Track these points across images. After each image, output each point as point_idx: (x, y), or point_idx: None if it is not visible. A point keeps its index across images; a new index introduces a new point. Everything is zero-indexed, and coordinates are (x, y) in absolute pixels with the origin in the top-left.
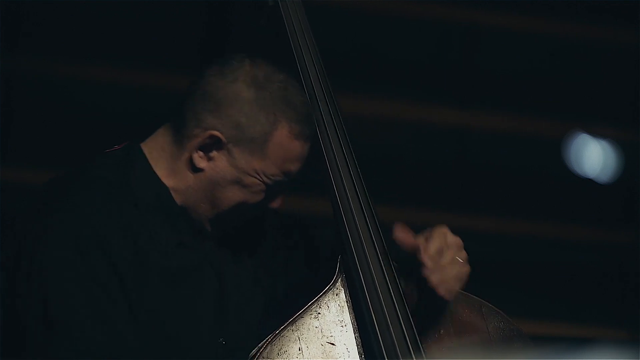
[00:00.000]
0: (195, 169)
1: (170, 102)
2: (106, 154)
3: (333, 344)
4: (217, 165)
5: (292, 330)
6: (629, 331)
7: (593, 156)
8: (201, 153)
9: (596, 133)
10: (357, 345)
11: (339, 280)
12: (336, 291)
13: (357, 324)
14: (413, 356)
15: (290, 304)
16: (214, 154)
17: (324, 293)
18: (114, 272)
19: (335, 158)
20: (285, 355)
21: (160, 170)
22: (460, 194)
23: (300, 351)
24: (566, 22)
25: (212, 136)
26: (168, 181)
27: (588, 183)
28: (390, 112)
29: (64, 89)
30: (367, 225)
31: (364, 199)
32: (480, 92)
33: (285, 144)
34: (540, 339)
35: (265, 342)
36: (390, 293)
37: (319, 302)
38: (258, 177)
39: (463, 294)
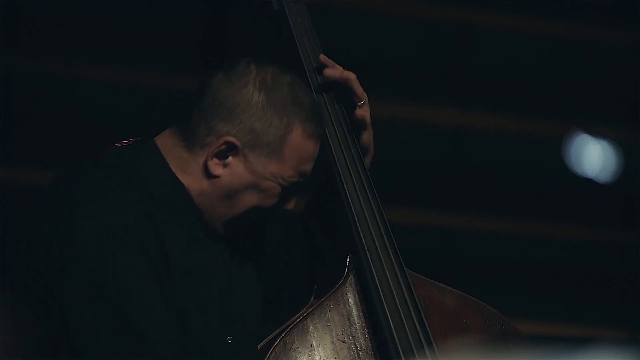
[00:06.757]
0: (211, 176)
1: (171, 102)
2: (115, 148)
3: (344, 342)
4: (234, 171)
5: (304, 328)
6: (629, 331)
7: (593, 156)
8: (216, 160)
9: (596, 133)
10: (369, 342)
11: (349, 278)
12: (347, 289)
13: (368, 321)
14: (427, 352)
15: (288, 307)
16: (229, 160)
17: (334, 291)
18: (150, 265)
19: (345, 158)
20: (296, 353)
21: (174, 168)
22: (459, 194)
23: (312, 347)
24: (566, 22)
25: (228, 142)
26: (182, 179)
27: (588, 183)
28: (390, 112)
29: (64, 89)
30: (378, 224)
31: (374, 198)
32: (480, 92)
33: (300, 145)
34: (540, 339)
35: (278, 339)
36: (403, 290)
37: (330, 300)
38: (275, 180)
39: (464, 296)
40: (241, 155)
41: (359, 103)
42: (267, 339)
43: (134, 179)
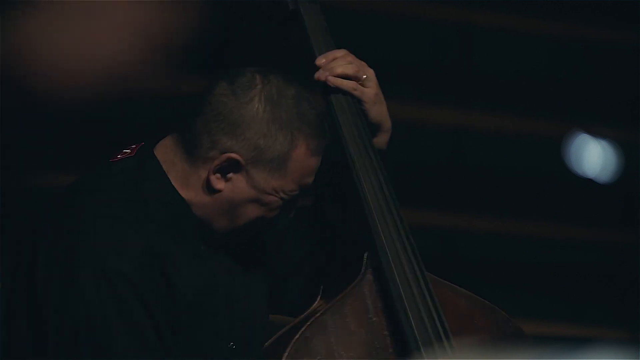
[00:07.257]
0: (212, 190)
1: (171, 105)
2: (117, 163)
3: (362, 338)
4: (236, 186)
5: (323, 324)
6: (629, 331)
7: (593, 156)
8: (218, 175)
9: (596, 133)
10: (387, 338)
11: (367, 275)
12: (364, 286)
13: (385, 318)
14: (446, 346)
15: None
16: (231, 175)
17: (352, 288)
18: (147, 307)
19: (362, 157)
20: (315, 348)
21: (175, 183)
22: (459, 194)
23: (331, 343)
24: (566, 22)
25: (231, 159)
26: (183, 194)
27: (588, 183)
28: (390, 112)
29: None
30: (395, 220)
31: (391, 196)
32: (480, 92)
33: (304, 160)
34: (540, 339)
35: (298, 334)
36: (421, 285)
37: (348, 297)
38: (277, 195)
39: (476, 298)
40: (244, 170)
41: (359, 82)
42: (277, 334)
43: (138, 203)
